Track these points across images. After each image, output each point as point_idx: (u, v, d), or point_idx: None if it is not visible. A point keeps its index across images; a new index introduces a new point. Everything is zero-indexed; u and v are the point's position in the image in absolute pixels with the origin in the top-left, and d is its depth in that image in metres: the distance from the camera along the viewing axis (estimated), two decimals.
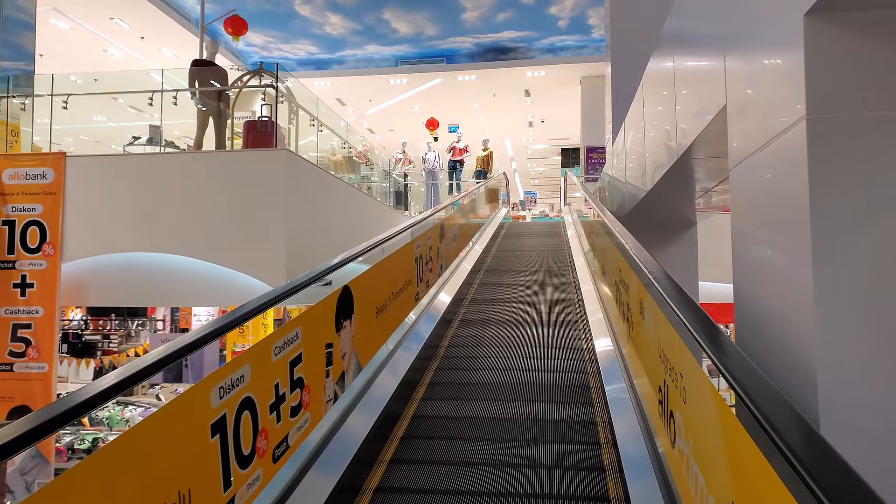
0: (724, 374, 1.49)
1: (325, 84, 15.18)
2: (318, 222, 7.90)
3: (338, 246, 5.13)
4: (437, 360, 4.36)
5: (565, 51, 13.76)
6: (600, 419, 3.37)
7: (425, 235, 4.70)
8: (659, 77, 4.15)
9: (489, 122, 18.24)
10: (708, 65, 2.77)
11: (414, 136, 17.48)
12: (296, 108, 9.51)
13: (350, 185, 10.14)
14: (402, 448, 3.15)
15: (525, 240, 9.17)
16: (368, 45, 13.86)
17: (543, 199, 28.65)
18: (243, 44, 13.87)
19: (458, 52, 14.13)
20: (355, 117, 17.76)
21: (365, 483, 2.81)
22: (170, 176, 7.27)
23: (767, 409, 1.23)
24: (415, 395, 3.80)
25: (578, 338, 4.77)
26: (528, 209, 20.14)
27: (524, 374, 4.04)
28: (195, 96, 8.54)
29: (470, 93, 15.52)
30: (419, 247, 4.41)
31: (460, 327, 5.09)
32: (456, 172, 14.55)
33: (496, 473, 2.85)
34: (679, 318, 1.99)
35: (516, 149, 22.17)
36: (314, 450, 2.72)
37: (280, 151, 7.31)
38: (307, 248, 7.44)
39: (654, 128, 4.42)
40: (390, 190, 13.99)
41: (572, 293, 6.03)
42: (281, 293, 2.42)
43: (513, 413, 3.51)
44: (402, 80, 14.69)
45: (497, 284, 6.39)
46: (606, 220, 4.25)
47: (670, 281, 2.38)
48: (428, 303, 5.11)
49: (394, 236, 4.02)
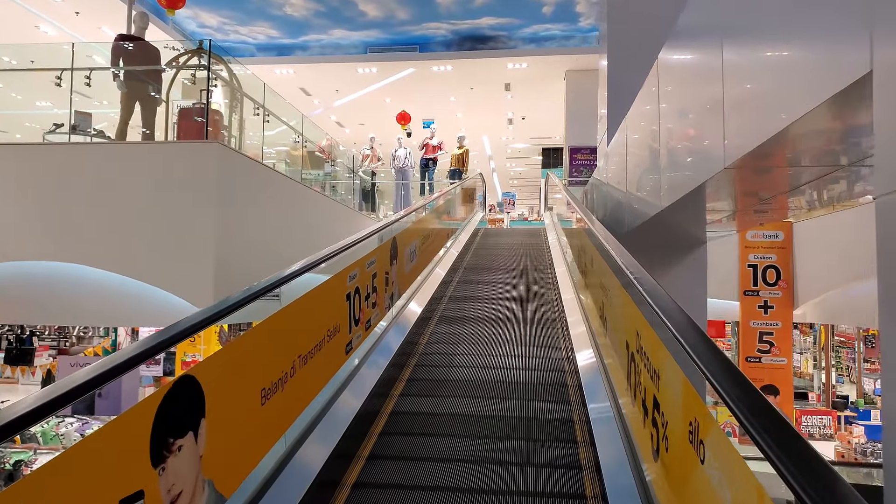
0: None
1: (287, 72, 13.86)
2: (258, 230, 6.67)
3: (282, 259, 4.01)
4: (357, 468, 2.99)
5: (550, 41, 12.66)
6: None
7: (365, 260, 3.54)
8: (688, 70, 3.06)
9: (466, 117, 17.08)
10: (823, 52, 1.65)
11: (386, 131, 16.25)
12: (241, 95, 8.24)
13: (305, 186, 8.90)
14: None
15: (501, 258, 8.02)
16: (334, 29, 12.59)
17: (523, 200, 27.62)
18: (195, 25, 12.49)
19: (433, 40, 12.94)
20: (322, 109, 16.46)
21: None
22: (84, 171, 6.00)
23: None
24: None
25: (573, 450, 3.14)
26: (506, 211, 19.04)
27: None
28: (118, 78, 7.23)
29: (445, 85, 14.34)
30: (354, 277, 3.24)
31: (406, 397, 3.69)
32: (429, 172, 13.39)
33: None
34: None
35: (495, 147, 21.06)
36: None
37: (208, 144, 6.07)
38: (243, 260, 6.22)
39: (676, 133, 3.33)
40: (355, 189, 12.76)
41: (557, 330, 4.93)
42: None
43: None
44: (372, 68, 13.45)
45: (461, 319, 5.22)
46: (611, 249, 3.14)
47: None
48: (367, 353, 3.95)
49: (314, 265, 2.85)
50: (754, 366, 11.26)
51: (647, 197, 4.00)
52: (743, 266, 10.81)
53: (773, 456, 1.02)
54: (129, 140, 7.15)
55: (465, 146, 13.66)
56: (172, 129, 7.47)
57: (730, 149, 2.32)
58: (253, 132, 9.26)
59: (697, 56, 2.88)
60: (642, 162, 4.24)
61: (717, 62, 2.44)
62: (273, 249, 6.84)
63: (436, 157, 13.46)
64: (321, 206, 9.10)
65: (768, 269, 10.98)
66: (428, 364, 4.23)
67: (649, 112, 3.95)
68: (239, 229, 6.20)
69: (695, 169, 2.86)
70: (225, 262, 5.84)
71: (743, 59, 2.22)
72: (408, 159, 13.21)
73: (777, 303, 11.03)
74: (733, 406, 1.24)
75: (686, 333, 1.72)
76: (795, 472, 0.96)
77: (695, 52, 2.93)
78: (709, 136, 2.61)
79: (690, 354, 1.60)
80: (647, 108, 4.01)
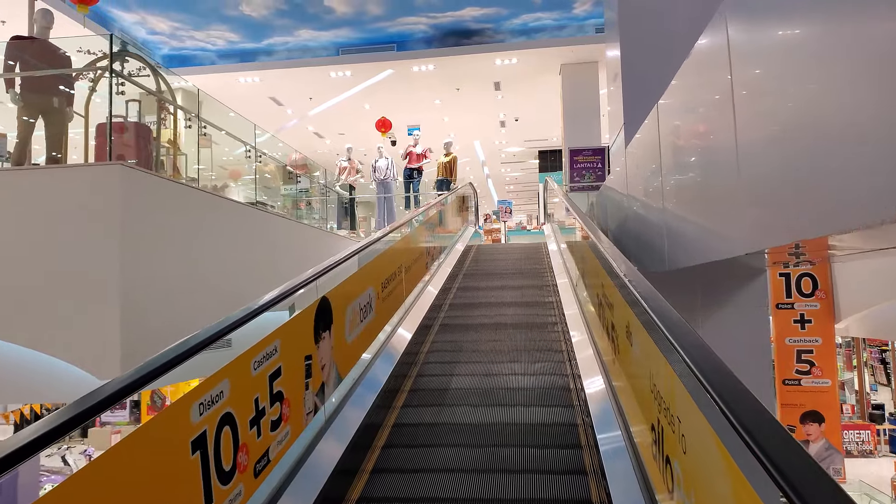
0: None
1: (253, 80, 12.52)
2: (189, 270, 5.28)
3: (224, 303, 2.78)
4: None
5: (541, 32, 11.31)
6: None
7: (248, 358, 2.16)
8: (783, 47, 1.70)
9: (455, 121, 15.72)
10: None
11: (369, 141, 14.92)
12: (173, 106, 6.87)
13: (259, 210, 7.52)
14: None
15: (500, 291, 6.14)
16: (300, 29, 11.25)
17: (520, 207, 26.24)
18: (145, 32, 11.15)
19: (412, 37, 11.60)
20: (298, 119, 15.12)
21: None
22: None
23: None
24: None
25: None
26: (502, 220, 17.63)
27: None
28: (12, 88, 5.91)
29: (429, 87, 12.99)
30: (216, 400, 1.86)
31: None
32: (413, 183, 12.01)
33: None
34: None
35: (488, 153, 19.70)
36: None
37: (108, 168, 4.69)
38: (167, 310, 4.85)
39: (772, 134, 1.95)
40: (331, 206, 11.40)
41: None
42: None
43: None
44: (346, 72, 12.10)
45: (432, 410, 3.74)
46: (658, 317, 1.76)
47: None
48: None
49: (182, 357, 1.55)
50: (793, 389, 9.79)
51: (713, 227, 2.60)
52: (774, 275, 9.26)
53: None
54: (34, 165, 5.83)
55: (453, 153, 12.28)
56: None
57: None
58: (202, 151, 7.92)
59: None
60: (696, 172, 2.85)
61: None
62: (212, 292, 5.46)
63: (421, 167, 12.09)
64: (283, 231, 7.72)
65: (803, 278, 9.48)
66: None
67: (703, 101, 2.56)
68: (159, 272, 4.83)
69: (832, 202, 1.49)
70: (138, 314, 4.47)
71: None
72: (389, 170, 11.86)
73: (815, 316, 9.55)
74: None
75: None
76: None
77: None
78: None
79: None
80: (699, 97, 2.63)
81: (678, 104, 3.08)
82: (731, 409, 1.21)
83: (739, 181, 2.22)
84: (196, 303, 5.20)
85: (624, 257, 2.87)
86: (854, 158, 1.46)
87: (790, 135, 1.80)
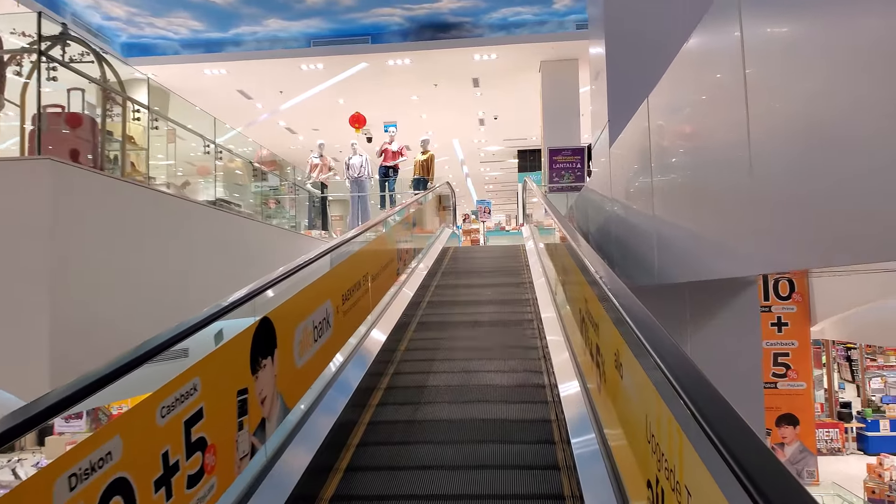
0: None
1: (219, 72, 11.94)
2: (133, 277, 4.77)
3: (174, 318, 2.29)
4: None
5: (521, 27, 10.93)
6: None
7: (151, 406, 1.74)
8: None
9: (432, 119, 15.27)
10: None
11: (344, 137, 14.40)
12: (121, 97, 6.32)
13: (219, 210, 7.01)
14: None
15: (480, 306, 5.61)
16: (268, 18, 10.70)
17: (500, 206, 25.89)
18: (100, 17, 10.50)
19: (386, 30, 11.12)
20: (269, 114, 14.55)
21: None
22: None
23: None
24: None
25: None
26: (481, 220, 17.24)
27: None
28: None
29: (405, 82, 12.52)
30: (102, 461, 1.42)
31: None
32: (389, 182, 11.56)
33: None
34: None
35: (467, 152, 19.29)
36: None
37: (35, 163, 4.17)
38: (103, 329, 4.35)
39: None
40: (302, 205, 10.89)
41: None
42: None
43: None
44: (317, 64, 11.58)
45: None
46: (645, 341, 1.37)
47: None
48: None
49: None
50: (770, 392, 9.57)
51: (717, 239, 2.22)
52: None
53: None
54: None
55: (431, 151, 11.85)
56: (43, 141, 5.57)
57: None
58: (159, 146, 7.40)
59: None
60: (696, 174, 2.47)
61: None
62: (160, 304, 4.95)
63: (397, 165, 11.64)
64: (246, 233, 7.22)
65: (780, 282, 9.30)
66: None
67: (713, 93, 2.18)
68: (98, 281, 4.33)
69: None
70: (71, 329, 3.97)
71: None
72: (364, 168, 11.37)
73: (792, 319, 9.38)
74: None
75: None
76: None
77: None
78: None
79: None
80: (706, 91, 2.25)
81: (674, 98, 2.70)
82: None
83: (753, 184, 1.84)
84: (141, 315, 4.71)
85: (610, 270, 2.50)
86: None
87: (827, 128, 1.43)
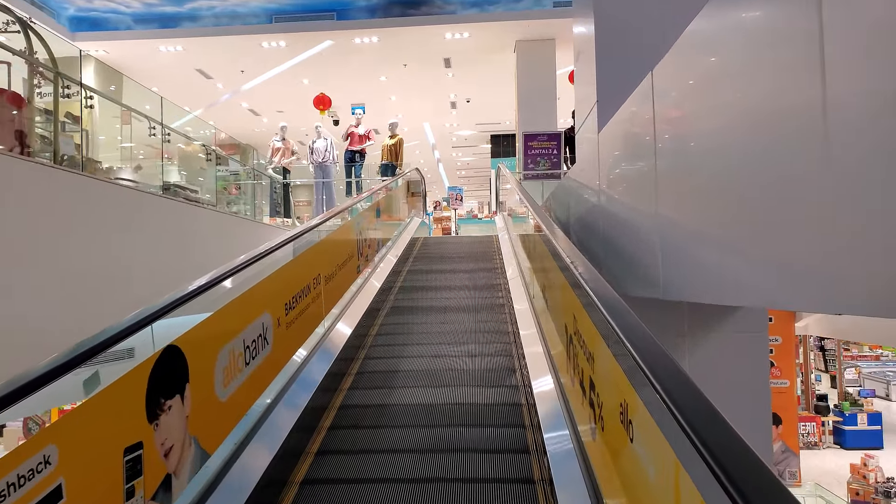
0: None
1: (175, 48, 11.15)
2: (57, 281, 4.18)
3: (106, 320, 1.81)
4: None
5: (495, 4, 10.39)
6: None
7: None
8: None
9: (402, 101, 14.68)
10: None
11: (311, 120, 13.71)
12: (52, 72, 5.63)
13: (167, 198, 6.39)
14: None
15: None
16: None
17: (472, 192, 25.42)
18: None
19: (353, 5, 10.48)
20: (231, 94, 13.77)
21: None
22: None
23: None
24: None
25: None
26: (453, 208, 16.75)
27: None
28: None
29: (373, 62, 11.91)
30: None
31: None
32: (355, 167, 10.99)
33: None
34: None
35: (439, 136, 18.73)
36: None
37: None
38: (18, 335, 3.78)
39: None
40: (261, 192, 10.25)
41: None
42: None
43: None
44: (280, 42, 10.89)
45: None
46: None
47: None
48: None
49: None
50: None
51: (760, 255, 1.75)
52: None
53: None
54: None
55: (399, 135, 11.30)
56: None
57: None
58: (123, 128, 6.76)
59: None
60: (725, 164, 2.01)
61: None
62: (91, 305, 4.37)
63: (364, 150, 11.07)
64: (199, 222, 6.62)
65: None
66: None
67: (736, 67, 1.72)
68: (12, 281, 3.74)
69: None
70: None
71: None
72: (328, 152, 10.77)
73: (776, 314, 9.11)
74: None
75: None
76: None
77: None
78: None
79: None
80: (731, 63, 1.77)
81: (698, 65, 2.21)
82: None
83: (831, 177, 1.40)
84: (69, 318, 4.13)
85: (595, 271, 2.07)
86: None
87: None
